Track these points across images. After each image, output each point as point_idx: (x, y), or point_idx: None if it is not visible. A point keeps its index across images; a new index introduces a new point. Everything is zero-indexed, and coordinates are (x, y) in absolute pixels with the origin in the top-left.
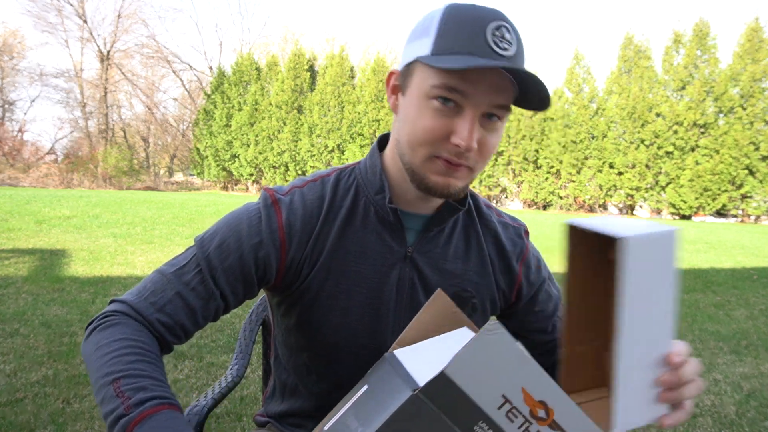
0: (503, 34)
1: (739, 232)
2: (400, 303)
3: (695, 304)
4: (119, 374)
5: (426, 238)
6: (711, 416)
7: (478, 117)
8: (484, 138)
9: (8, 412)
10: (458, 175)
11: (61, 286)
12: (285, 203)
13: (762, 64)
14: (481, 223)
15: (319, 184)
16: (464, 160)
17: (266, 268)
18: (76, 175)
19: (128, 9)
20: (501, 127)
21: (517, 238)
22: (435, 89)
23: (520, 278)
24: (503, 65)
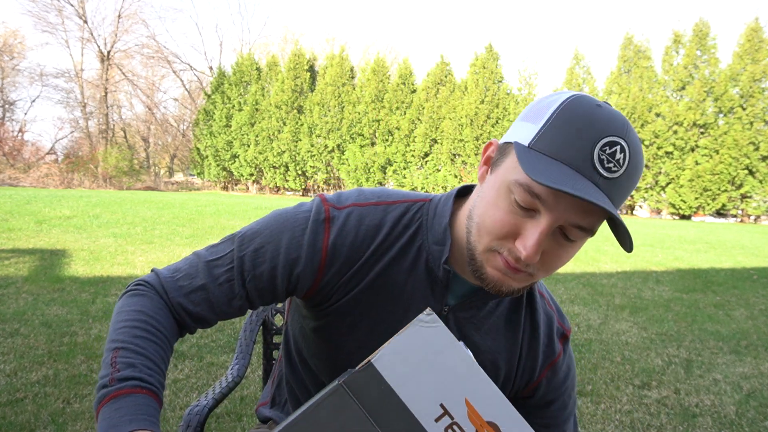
0: (614, 153)
1: (739, 232)
2: None
3: (695, 304)
4: (121, 345)
5: (466, 304)
6: (711, 416)
7: (553, 229)
8: (553, 250)
9: (8, 412)
10: (516, 277)
11: (62, 286)
12: (338, 223)
13: (762, 64)
14: (528, 310)
15: (381, 210)
16: (523, 267)
17: (298, 284)
18: (77, 175)
19: (128, 9)
20: (578, 245)
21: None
22: (517, 185)
23: (540, 379)
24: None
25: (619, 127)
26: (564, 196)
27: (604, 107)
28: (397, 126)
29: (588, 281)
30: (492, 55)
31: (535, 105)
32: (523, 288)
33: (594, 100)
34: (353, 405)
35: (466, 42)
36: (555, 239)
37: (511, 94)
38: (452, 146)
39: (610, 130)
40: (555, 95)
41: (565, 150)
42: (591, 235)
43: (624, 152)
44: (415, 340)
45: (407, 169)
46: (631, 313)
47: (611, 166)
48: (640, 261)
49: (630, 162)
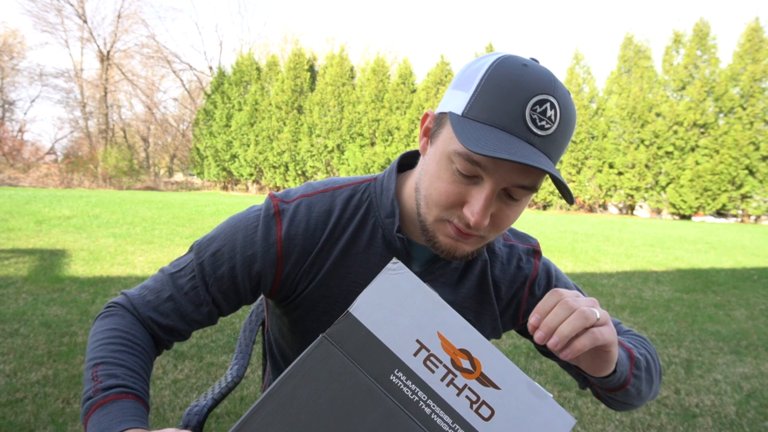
0: (545, 111)
1: (739, 232)
2: None
3: (695, 304)
4: (100, 360)
5: (430, 270)
6: (711, 416)
7: (497, 192)
8: (500, 211)
9: (8, 412)
10: (468, 242)
11: (61, 286)
12: (288, 215)
13: (762, 64)
14: (489, 251)
15: (329, 196)
16: (474, 231)
17: (260, 280)
18: (76, 175)
19: (128, 9)
20: (524, 202)
21: (526, 262)
22: (457, 157)
23: (525, 300)
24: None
25: (547, 85)
26: (507, 164)
27: (531, 65)
28: (397, 126)
29: (588, 281)
30: None
31: (464, 71)
32: (477, 250)
33: (520, 60)
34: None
35: (466, 42)
36: (501, 200)
37: None
38: None
39: (539, 88)
40: (482, 59)
41: (498, 114)
42: (534, 191)
43: (554, 108)
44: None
45: None
46: (631, 313)
47: (544, 123)
48: (640, 261)
49: (562, 117)
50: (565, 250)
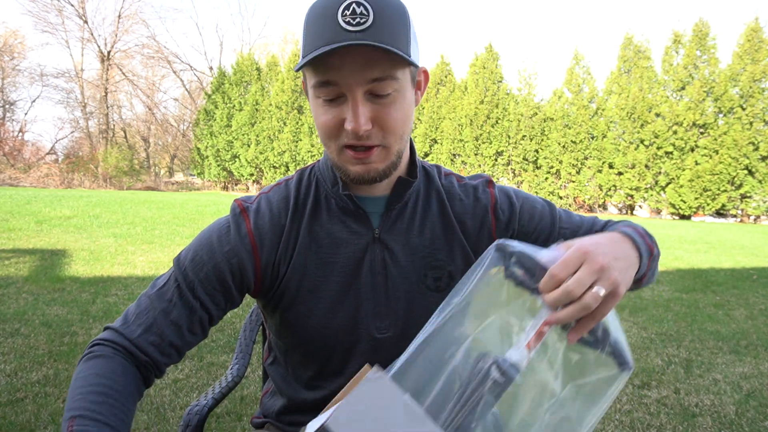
0: (353, 10)
1: (739, 232)
2: (376, 285)
3: (695, 304)
4: (77, 413)
5: (389, 217)
6: (711, 416)
7: (363, 97)
8: (379, 112)
9: (9, 412)
10: (372, 158)
11: (62, 286)
12: (252, 210)
13: (762, 64)
14: (445, 190)
15: (283, 187)
16: (368, 141)
17: (243, 273)
18: (77, 175)
19: (129, 9)
20: (396, 97)
21: (482, 192)
22: (314, 89)
23: (494, 227)
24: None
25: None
26: (342, 65)
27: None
28: None
29: None
30: (492, 55)
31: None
32: (389, 165)
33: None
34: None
35: (466, 42)
36: (373, 102)
37: (511, 94)
38: (452, 146)
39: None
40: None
41: (320, 35)
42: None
43: (362, 5)
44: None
45: None
46: (631, 312)
47: (357, 20)
48: None
49: (375, 8)
50: None
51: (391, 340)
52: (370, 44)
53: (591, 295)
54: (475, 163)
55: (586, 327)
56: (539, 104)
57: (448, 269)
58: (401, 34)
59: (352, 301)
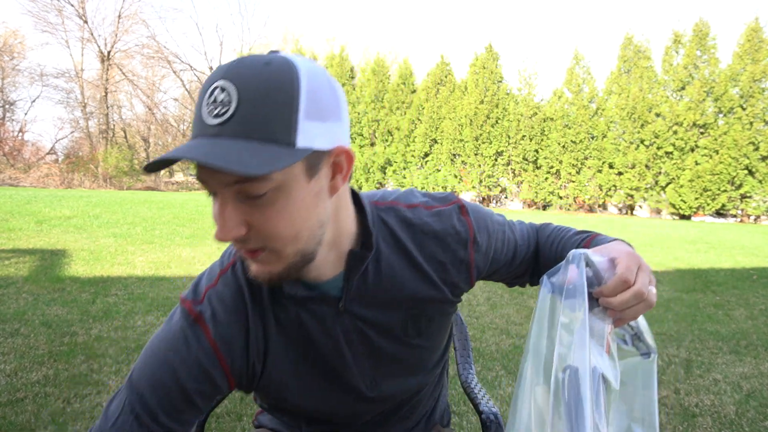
0: (216, 97)
1: (739, 232)
2: (357, 354)
3: (695, 304)
4: None
5: (350, 290)
6: (711, 416)
7: (233, 198)
8: (253, 217)
9: (9, 412)
10: (260, 259)
11: (62, 286)
12: (207, 316)
13: (762, 64)
14: (410, 233)
15: (230, 276)
16: (247, 245)
17: (213, 388)
18: (77, 175)
19: (129, 9)
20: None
21: (458, 221)
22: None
23: (472, 258)
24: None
25: (219, 72)
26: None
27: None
28: (397, 126)
29: None
30: (492, 55)
31: None
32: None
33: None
34: None
35: (466, 42)
36: (247, 204)
37: (511, 94)
38: (452, 146)
39: (210, 81)
40: None
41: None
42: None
43: (225, 89)
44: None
45: (407, 169)
46: None
47: (219, 110)
48: None
49: (240, 91)
50: None
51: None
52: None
53: (653, 295)
54: (475, 163)
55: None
56: (539, 104)
57: (426, 313)
58: (279, 120)
59: (340, 377)
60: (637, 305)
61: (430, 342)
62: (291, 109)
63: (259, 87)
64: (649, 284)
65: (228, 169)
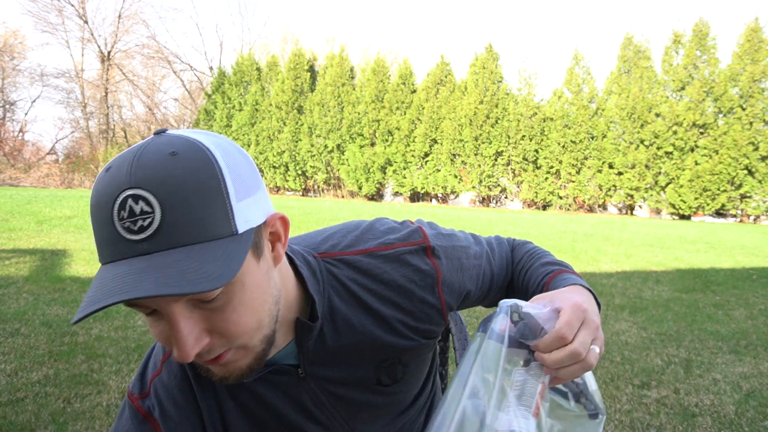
0: (132, 211)
1: (739, 232)
2: (329, 412)
3: (695, 304)
4: None
5: (306, 354)
6: (710, 416)
7: (185, 309)
8: (213, 322)
9: (9, 412)
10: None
11: (62, 286)
12: (156, 411)
13: (761, 64)
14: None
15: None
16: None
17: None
18: (77, 175)
19: (129, 9)
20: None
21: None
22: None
23: (443, 300)
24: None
25: (123, 178)
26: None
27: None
28: (397, 126)
29: (587, 281)
30: (492, 55)
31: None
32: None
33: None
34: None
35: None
36: (202, 311)
37: (511, 94)
38: (452, 146)
39: (113, 190)
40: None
41: (101, 246)
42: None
43: (139, 197)
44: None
45: (407, 169)
46: (631, 312)
47: (141, 224)
48: (639, 261)
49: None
50: (565, 250)
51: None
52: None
53: (593, 355)
54: (475, 163)
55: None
56: (539, 104)
57: (401, 361)
58: (212, 212)
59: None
60: (572, 365)
61: (408, 385)
62: (222, 197)
63: (180, 185)
64: (593, 343)
65: (192, 291)
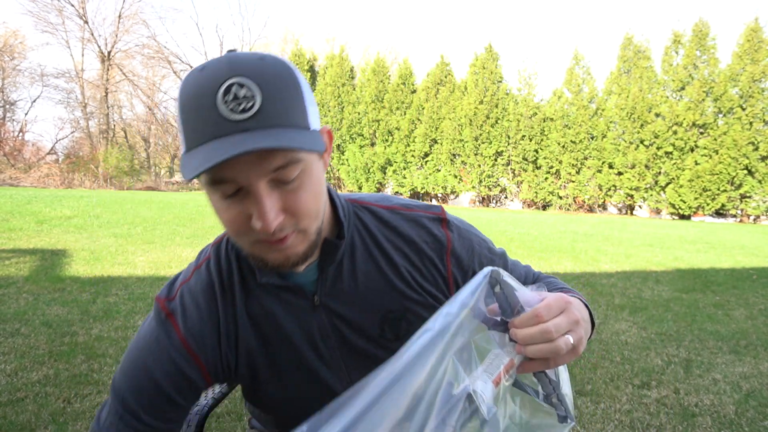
0: (236, 93)
1: (739, 232)
2: (333, 352)
3: (695, 304)
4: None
5: (325, 281)
6: (710, 416)
7: (267, 187)
8: (289, 201)
9: (9, 412)
10: (288, 244)
11: (62, 286)
12: (178, 312)
13: (761, 64)
14: (386, 232)
15: (204, 271)
16: (282, 233)
17: (189, 384)
18: (77, 175)
19: (129, 9)
20: (308, 177)
21: (437, 230)
22: (210, 187)
23: (450, 270)
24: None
25: (224, 70)
26: (235, 162)
27: (207, 64)
28: (397, 126)
29: (587, 281)
30: (492, 55)
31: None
32: (309, 246)
33: (197, 68)
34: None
35: (466, 42)
36: (278, 189)
37: (511, 94)
38: (452, 146)
39: (217, 80)
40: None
41: (203, 127)
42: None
43: (244, 85)
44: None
45: (407, 169)
46: (631, 312)
47: (244, 105)
48: (639, 261)
49: (261, 86)
50: (565, 250)
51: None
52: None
53: (564, 340)
54: (474, 163)
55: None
56: (539, 104)
57: (405, 317)
58: (296, 106)
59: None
60: (542, 344)
61: None
62: (301, 97)
63: (272, 80)
64: (568, 332)
65: (294, 147)
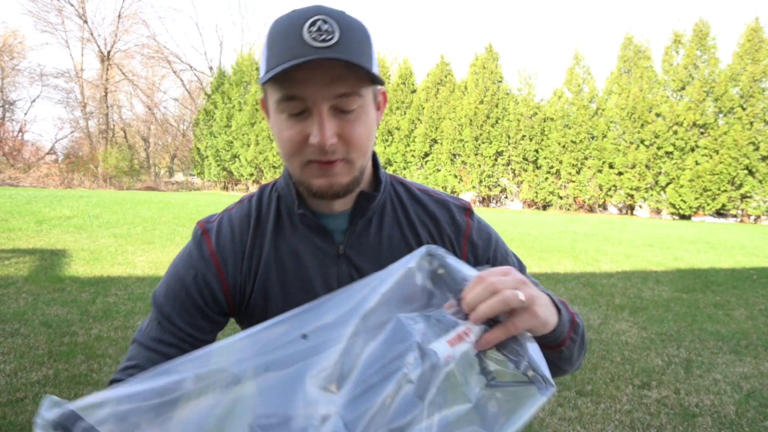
0: (320, 28)
1: (739, 232)
2: None
3: (695, 304)
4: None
5: (353, 232)
6: (711, 416)
7: (329, 111)
8: (345, 128)
9: (9, 412)
10: (335, 171)
11: (62, 286)
12: (213, 230)
13: (762, 64)
14: (415, 209)
15: (246, 204)
16: (333, 156)
17: (213, 296)
18: (77, 175)
19: (129, 9)
20: (364, 114)
21: (459, 216)
22: (278, 104)
23: (465, 255)
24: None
25: (314, 10)
26: (309, 79)
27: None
28: (397, 126)
29: (588, 281)
30: (492, 55)
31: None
32: (352, 180)
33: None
34: None
35: (466, 42)
36: (338, 118)
37: (511, 94)
38: (452, 146)
39: (307, 15)
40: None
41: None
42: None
43: (328, 22)
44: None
45: (407, 169)
46: (631, 313)
47: (324, 37)
48: (639, 261)
49: (341, 25)
50: (565, 250)
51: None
52: (340, 59)
53: (511, 292)
54: (475, 163)
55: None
56: (539, 104)
57: None
58: (366, 52)
59: None
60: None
61: None
62: (370, 46)
63: (351, 23)
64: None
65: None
